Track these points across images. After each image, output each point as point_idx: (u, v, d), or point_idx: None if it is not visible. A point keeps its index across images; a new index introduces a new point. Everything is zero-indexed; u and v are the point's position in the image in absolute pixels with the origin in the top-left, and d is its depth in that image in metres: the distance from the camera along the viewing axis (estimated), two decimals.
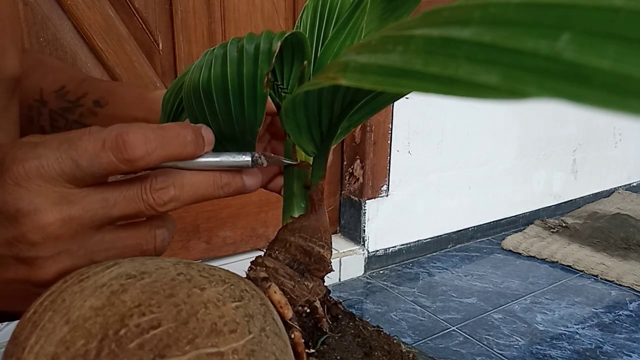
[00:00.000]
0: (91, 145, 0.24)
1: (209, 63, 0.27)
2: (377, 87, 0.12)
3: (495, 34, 0.09)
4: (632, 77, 0.08)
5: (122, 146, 0.24)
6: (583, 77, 0.08)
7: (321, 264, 0.28)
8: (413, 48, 0.11)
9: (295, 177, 0.30)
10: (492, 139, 1.68)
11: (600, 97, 0.08)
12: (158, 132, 0.25)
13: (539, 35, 0.09)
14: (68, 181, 0.25)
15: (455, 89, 0.10)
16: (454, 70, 0.10)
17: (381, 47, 0.12)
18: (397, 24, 0.13)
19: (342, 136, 0.28)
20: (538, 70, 0.09)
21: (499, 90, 0.09)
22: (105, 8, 0.99)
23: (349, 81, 0.12)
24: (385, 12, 0.30)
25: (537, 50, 0.09)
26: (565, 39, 0.08)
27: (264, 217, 1.33)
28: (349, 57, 0.13)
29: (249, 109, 0.26)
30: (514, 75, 0.09)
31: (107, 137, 0.24)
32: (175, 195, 0.27)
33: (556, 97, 0.08)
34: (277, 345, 0.21)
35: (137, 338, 0.17)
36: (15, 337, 0.19)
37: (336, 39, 0.28)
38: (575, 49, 0.08)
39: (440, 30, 0.11)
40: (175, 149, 0.26)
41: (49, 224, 0.24)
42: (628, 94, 0.08)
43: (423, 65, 0.10)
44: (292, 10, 1.24)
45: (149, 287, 0.19)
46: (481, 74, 0.09)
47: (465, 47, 0.10)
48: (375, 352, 0.27)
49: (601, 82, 0.08)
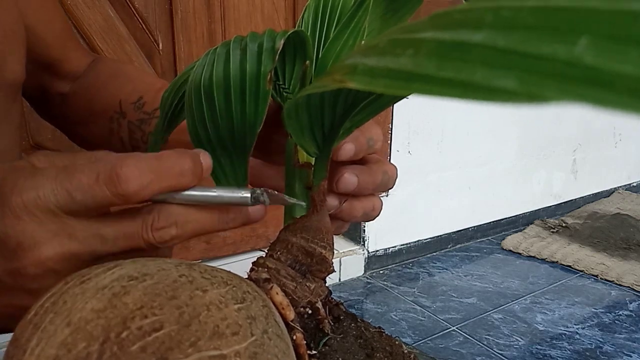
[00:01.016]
0: (85, 179, 0.24)
1: (212, 61, 0.27)
2: (388, 91, 0.11)
3: (509, 38, 0.09)
4: None
5: (115, 180, 0.23)
6: (605, 82, 0.08)
7: (323, 264, 0.28)
8: (424, 51, 0.11)
9: (297, 178, 0.30)
10: (492, 139, 1.68)
11: (624, 101, 0.08)
12: (153, 163, 0.24)
13: (555, 39, 0.09)
14: (65, 213, 0.24)
15: (471, 93, 0.09)
16: (470, 74, 0.10)
17: (390, 50, 0.12)
18: (404, 26, 0.12)
19: (344, 137, 0.28)
20: (557, 75, 0.08)
21: (517, 94, 0.09)
22: (105, 8, 0.99)
23: (358, 84, 0.12)
24: (388, 12, 0.30)
25: (555, 54, 0.09)
26: (584, 43, 0.08)
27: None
28: (356, 60, 0.13)
29: (250, 107, 0.26)
30: (531, 79, 0.09)
31: (101, 170, 0.24)
32: (177, 234, 0.26)
33: (578, 101, 0.08)
34: (280, 347, 0.21)
35: (139, 341, 0.17)
36: (16, 339, 0.19)
37: (338, 38, 0.28)
38: (595, 53, 0.08)
39: (452, 33, 0.10)
40: (171, 180, 0.25)
41: (48, 259, 0.24)
42: None
43: (436, 69, 0.10)
44: (292, 10, 1.24)
45: (151, 289, 0.19)
46: (498, 79, 0.09)
47: (479, 51, 0.10)
48: (377, 353, 0.27)
49: (624, 86, 0.08)
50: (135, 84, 0.47)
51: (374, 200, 0.34)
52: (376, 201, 0.34)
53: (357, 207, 0.32)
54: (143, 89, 0.46)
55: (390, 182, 0.33)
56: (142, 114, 0.45)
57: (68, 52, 0.50)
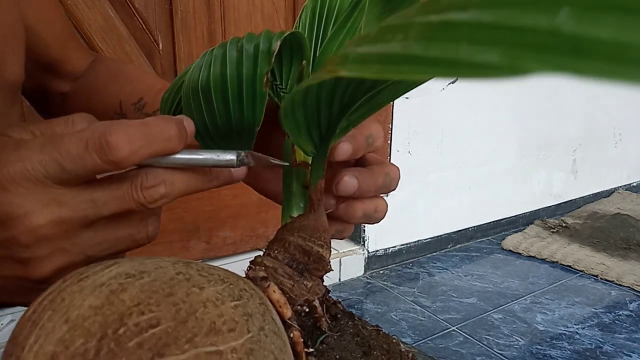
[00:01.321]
0: (74, 147, 0.24)
1: (209, 63, 0.27)
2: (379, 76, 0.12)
3: (495, 14, 0.09)
4: (632, 45, 0.08)
5: (105, 148, 0.24)
6: (583, 49, 0.08)
7: (320, 263, 0.28)
8: (413, 35, 0.11)
9: (295, 177, 0.30)
10: (492, 139, 1.68)
11: (601, 67, 0.08)
12: (142, 129, 0.25)
13: (538, 11, 0.09)
14: (55, 182, 0.24)
15: (456, 71, 0.10)
16: (454, 52, 0.10)
17: (380, 37, 0.12)
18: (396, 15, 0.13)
19: (341, 136, 0.28)
20: (538, 46, 0.09)
21: (500, 68, 0.09)
22: (105, 8, 0.99)
23: (349, 72, 0.12)
24: (384, 12, 0.30)
25: (537, 26, 0.09)
26: (565, 13, 0.08)
27: (264, 217, 1.33)
28: (349, 50, 0.13)
29: (247, 109, 0.26)
30: (514, 52, 0.09)
31: (90, 138, 0.24)
32: (166, 192, 0.27)
33: (557, 71, 0.08)
34: (276, 344, 0.21)
35: (136, 337, 0.17)
36: (15, 337, 0.19)
37: (335, 39, 0.28)
38: (575, 22, 0.08)
39: (439, 16, 0.11)
40: (159, 145, 0.25)
41: (39, 226, 0.24)
42: (629, 63, 0.08)
43: (423, 50, 0.10)
44: (292, 10, 1.24)
45: (148, 286, 0.19)
46: (482, 54, 0.09)
47: (464, 29, 0.10)
48: (374, 351, 0.27)
49: (601, 53, 0.08)
50: (136, 84, 0.47)
51: (377, 202, 0.33)
52: (379, 203, 0.33)
53: (356, 209, 0.32)
54: (143, 90, 0.47)
55: (392, 184, 0.33)
56: (143, 116, 0.46)
57: (68, 52, 0.50)
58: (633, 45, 0.08)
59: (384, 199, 0.34)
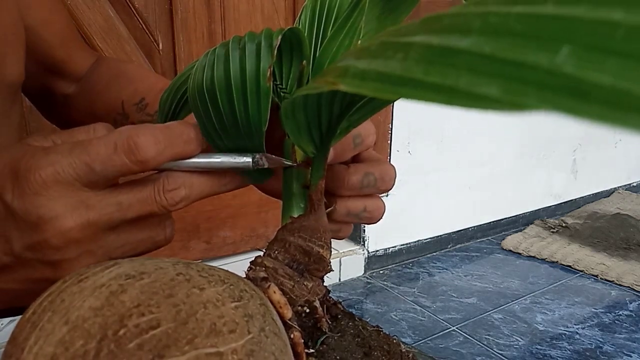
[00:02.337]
0: (103, 149, 0.25)
1: (212, 63, 0.27)
2: (377, 95, 0.12)
3: (496, 45, 0.09)
4: (631, 93, 0.08)
5: (134, 148, 0.25)
6: (582, 92, 0.08)
7: (320, 263, 0.28)
8: (413, 56, 0.11)
9: (295, 177, 0.30)
10: (492, 139, 1.68)
11: (600, 111, 0.08)
12: (165, 132, 0.26)
13: (539, 47, 0.09)
14: (84, 185, 0.25)
15: (455, 99, 0.10)
16: (454, 80, 0.10)
17: (381, 53, 0.12)
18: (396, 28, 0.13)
19: (342, 136, 0.28)
20: (538, 83, 0.09)
21: (499, 102, 0.09)
22: (105, 8, 0.99)
23: (348, 87, 0.12)
24: (384, 12, 0.30)
25: (538, 63, 0.09)
26: (565, 52, 0.08)
27: (264, 217, 1.33)
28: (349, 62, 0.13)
29: (252, 107, 0.26)
30: (514, 87, 0.09)
31: (118, 140, 0.25)
32: (186, 195, 0.28)
33: (555, 110, 0.08)
34: (277, 345, 0.21)
35: (136, 338, 0.17)
36: (15, 338, 0.19)
37: (334, 39, 0.28)
38: (575, 63, 0.08)
39: (440, 38, 0.10)
40: (180, 148, 0.27)
41: (69, 229, 0.25)
42: (627, 110, 0.08)
43: (423, 74, 0.10)
44: (292, 10, 1.24)
45: (148, 288, 0.19)
46: (481, 86, 0.09)
47: (465, 57, 0.10)
48: (375, 351, 0.27)
49: (600, 97, 0.08)
50: (137, 84, 0.48)
51: (366, 202, 0.32)
52: (369, 203, 0.32)
53: (340, 207, 0.31)
54: (145, 90, 0.47)
55: (380, 184, 0.32)
56: (145, 116, 0.46)
57: (71, 53, 0.50)
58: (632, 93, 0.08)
59: (378, 198, 0.33)
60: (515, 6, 0.10)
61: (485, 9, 0.10)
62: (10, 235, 0.25)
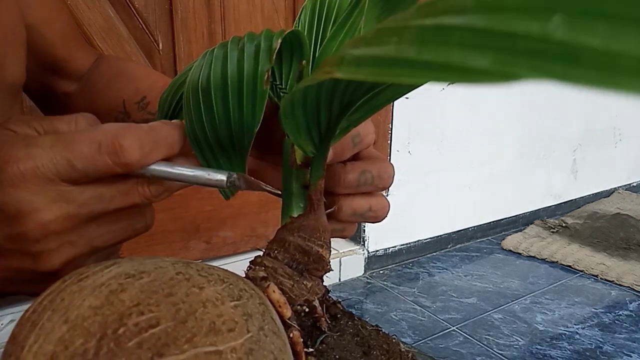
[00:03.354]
0: (86, 148, 0.25)
1: (209, 62, 0.27)
2: (372, 78, 0.12)
3: (488, 19, 0.09)
4: (622, 54, 0.08)
5: (118, 151, 0.25)
6: (573, 57, 0.08)
7: (320, 263, 0.28)
8: (407, 38, 0.11)
9: (294, 177, 0.30)
10: (492, 139, 1.68)
11: (590, 75, 0.08)
12: (151, 134, 0.26)
13: (531, 18, 0.09)
14: (63, 180, 0.25)
15: (447, 75, 0.10)
16: (446, 56, 0.10)
17: (376, 39, 0.12)
18: (393, 17, 0.13)
19: (341, 136, 0.28)
20: (529, 52, 0.09)
21: (490, 73, 0.09)
22: (105, 8, 0.99)
23: (344, 73, 0.13)
24: (384, 12, 0.30)
25: (529, 32, 0.09)
26: (557, 20, 0.08)
27: (264, 217, 1.33)
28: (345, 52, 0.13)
29: (247, 108, 0.26)
30: (505, 58, 0.09)
31: (103, 140, 0.25)
32: (169, 186, 0.28)
33: (546, 77, 0.08)
34: (276, 344, 0.21)
35: (135, 337, 0.17)
36: (15, 337, 0.19)
37: (334, 39, 0.28)
38: (566, 29, 0.08)
39: (434, 19, 0.11)
40: (165, 150, 0.27)
41: (49, 221, 0.25)
42: (618, 71, 0.08)
43: (416, 53, 0.10)
44: (292, 10, 1.24)
45: (148, 286, 0.19)
46: (473, 59, 0.09)
47: (457, 34, 0.10)
48: (374, 351, 0.27)
49: (591, 61, 0.08)
50: (138, 83, 0.48)
51: (371, 201, 0.32)
52: (375, 202, 0.32)
53: (344, 207, 0.31)
54: (146, 88, 0.47)
55: (378, 182, 0.32)
56: (147, 114, 0.46)
57: (72, 51, 0.51)
58: (624, 54, 0.08)
59: (383, 197, 0.33)
60: None
61: None
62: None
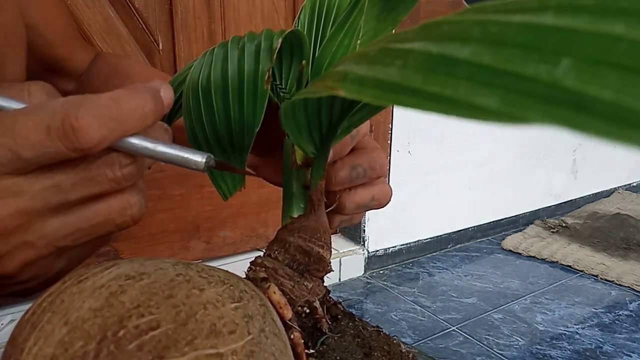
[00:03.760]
0: (33, 134, 0.20)
1: (209, 62, 0.27)
2: (375, 102, 0.12)
3: (495, 55, 0.09)
4: (632, 109, 0.07)
5: (71, 134, 0.20)
6: (583, 106, 0.08)
7: (320, 264, 0.28)
8: (412, 64, 0.11)
9: (295, 177, 0.30)
10: (492, 139, 1.68)
11: (600, 126, 0.08)
12: (114, 109, 0.22)
13: (539, 59, 0.09)
14: (8, 172, 0.21)
15: (454, 110, 0.09)
16: (454, 90, 0.10)
17: (380, 59, 0.12)
18: (395, 35, 0.13)
19: (342, 136, 0.28)
20: (538, 96, 0.08)
21: (499, 114, 0.09)
22: (105, 8, 0.99)
23: (347, 93, 0.12)
24: (383, 12, 0.30)
25: (537, 75, 0.09)
26: (565, 65, 0.08)
27: (264, 217, 1.33)
28: (348, 67, 0.13)
29: (248, 107, 0.26)
30: (513, 99, 0.09)
31: (52, 122, 0.21)
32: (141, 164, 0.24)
33: (556, 124, 0.08)
34: (277, 345, 0.21)
35: (136, 339, 0.17)
36: (14, 339, 0.19)
37: (334, 38, 0.28)
38: (575, 76, 0.08)
39: (439, 46, 0.10)
40: (133, 125, 0.22)
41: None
42: (628, 125, 0.07)
43: (422, 82, 0.10)
44: (292, 10, 1.24)
45: (148, 288, 0.19)
46: (481, 97, 0.09)
47: (464, 67, 0.10)
48: (375, 352, 0.27)
49: (601, 112, 0.08)
50: (134, 79, 0.48)
51: (373, 191, 0.32)
52: (376, 190, 0.32)
53: (345, 201, 0.31)
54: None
55: (370, 172, 0.31)
56: None
57: (72, 51, 0.50)
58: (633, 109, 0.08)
59: (383, 184, 0.33)
60: (515, 15, 0.09)
61: (485, 17, 0.10)
62: None
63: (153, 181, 1.11)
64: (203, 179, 1.21)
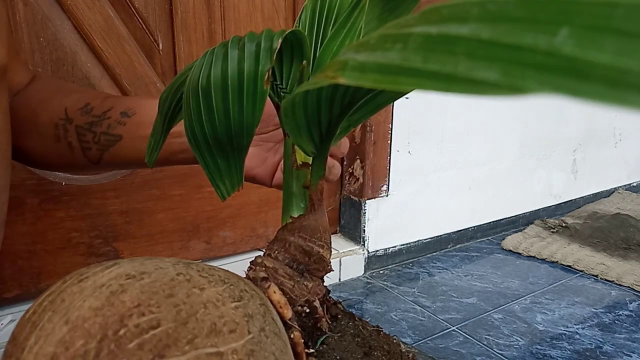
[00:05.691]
0: None
1: (209, 62, 0.27)
2: (377, 86, 0.12)
3: (494, 30, 0.09)
4: (631, 71, 0.08)
5: None
6: (582, 72, 0.08)
7: (320, 263, 0.28)
8: (412, 46, 0.11)
9: (295, 177, 0.30)
10: (492, 139, 1.68)
11: (599, 91, 0.08)
12: None
13: (537, 30, 0.09)
14: None
15: (454, 86, 0.10)
16: (453, 67, 0.10)
17: (380, 45, 0.12)
18: (396, 22, 0.13)
19: (342, 136, 0.28)
20: (537, 66, 0.08)
21: (498, 86, 0.09)
22: (105, 8, 0.99)
23: (348, 79, 0.12)
24: (384, 12, 0.30)
25: (536, 45, 0.09)
26: (564, 33, 0.08)
27: (264, 217, 1.33)
28: (348, 56, 0.13)
29: (247, 107, 0.26)
30: (513, 71, 0.09)
31: None
32: None
33: (555, 92, 0.08)
34: (277, 345, 0.21)
35: (136, 338, 0.17)
36: (15, 338, 0.19)
37: (335, 38, 0.28)
38: (574, 43, 0.08)
39: (439, 27, 0.10)
40: None
41: None
42: (627, 88, 0.08)
43: (422, 62, 0.10)
44: (292, 10, 1.24)
45: (148, 287, 0.19)
46: (480, 70, 0.09)
47: (463, 44, 0.10)
48: (375, 351, 0.27)
49: (600, 76, 0.08)
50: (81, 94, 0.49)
51: None
52: None
53: None
54: (89, 98, 0.48)
55: None
56: (91, 117, 0.47)
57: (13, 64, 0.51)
58: (632, 70, 0.08)
59: None
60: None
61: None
62: None
63: (153, 181, 1.12)
64: (203, 179, 1.21)
